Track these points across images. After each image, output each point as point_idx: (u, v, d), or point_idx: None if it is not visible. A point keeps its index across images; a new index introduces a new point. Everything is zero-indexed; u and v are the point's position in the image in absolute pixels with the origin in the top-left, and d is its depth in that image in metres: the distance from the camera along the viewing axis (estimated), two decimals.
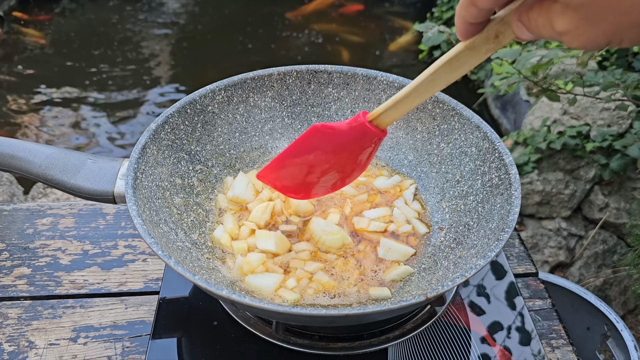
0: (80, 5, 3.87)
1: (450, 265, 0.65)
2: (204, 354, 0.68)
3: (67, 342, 0.74)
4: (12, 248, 0.87)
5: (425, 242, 0.74)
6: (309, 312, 0.53)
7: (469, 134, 0.75)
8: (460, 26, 0.43)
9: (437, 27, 1.25)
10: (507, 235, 0.59)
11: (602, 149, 1.74)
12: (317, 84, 0.85)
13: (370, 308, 0.51)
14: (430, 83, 0.49)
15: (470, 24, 0.42)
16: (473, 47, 0.45)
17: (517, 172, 0.66)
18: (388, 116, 0.56)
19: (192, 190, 0.75)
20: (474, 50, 0.45)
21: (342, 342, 0.68)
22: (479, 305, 0.75)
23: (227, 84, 0.80)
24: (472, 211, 0.71)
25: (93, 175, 0.68)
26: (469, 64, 0.46)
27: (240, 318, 0.70)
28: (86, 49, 3.33)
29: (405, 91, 0.52)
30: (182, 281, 0.77)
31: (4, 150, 0.69)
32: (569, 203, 1.85)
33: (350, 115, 0.86)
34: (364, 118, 0.57)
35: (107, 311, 0.78)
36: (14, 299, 0.80)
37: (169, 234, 0.65)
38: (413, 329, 0.70)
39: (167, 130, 0.74)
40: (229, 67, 3.13)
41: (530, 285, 0.84)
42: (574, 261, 1.82)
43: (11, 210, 0.94)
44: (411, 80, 0.81)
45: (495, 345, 0.70)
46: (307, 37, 3.49)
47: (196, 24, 3.73)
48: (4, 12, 3.58)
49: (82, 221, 0.92)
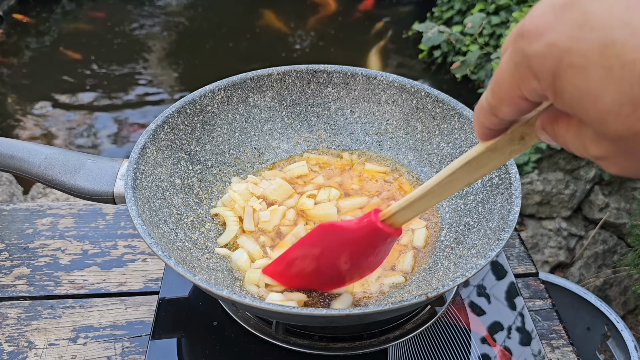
0: (80, 4, 3.87)
1: (451, 265, 0.65)
2: (203, 354, 0.68)
3: (67, 342, 0.74)
4: (11, 248, 0.87)
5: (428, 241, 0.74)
6: (309, 312, 0.53)
7: (469, 134, 0.75)
8: (479, 130, 0.39)
9: (437, 27, 1.25)
10: (508, 234, 0.59)
11: None
12: (316, 83, 0.85)
13: (371, 308, 0.51)
14: (447, 184, 0.45)
15: (490, 129, 0.38)
16: (495, 149, 0.40)
17: (517, 171, 0.66)
18: (402, 216, 0.52)
19: (191, 190, 0.75)
20: (496, 152, 0.40)
21: (342, 343, 0.68)
22: (479, 306, 0.75)
23: (226, 84, 0.80)
24: (472, 211, 0.71)
25: (92, 176, 0.68)
26: (490, 165, 0.42)
27: (240, 318, 0.70)
28: (86, 49, 3.33)
29: (421, 192, 0.48)
30: (181, 281, 0.76)
31: (3, 151, 0.69)
32: (569, 203, 1.85)
33: (350, 115, 0.86)
34: (375, 217, 0.53)
35: (107, 311, 0.78)
36: (14, 299, 0.79)
37: (169, 234, 0.65)
38: (413, 329, 0.70)
39: (166, 131, 0.73)
40: (229, 67, 3.13)
41: (530, 285, 0.84)
42: (574, 261, 1.82)
43: (11, 210, 0.94)
44: (411, 80, 0.81)
45: (495, 346, 0.70)
46: (307, 38, 3.49)
47: (196, 24, 3.73)
48: (4, 12, 3.57)
49: (82, 221, 0.92)
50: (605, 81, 0.27)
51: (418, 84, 0.80)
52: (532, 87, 0.31)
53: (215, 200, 0.77)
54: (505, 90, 0.33)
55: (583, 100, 0.28)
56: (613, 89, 0.27)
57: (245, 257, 0.69)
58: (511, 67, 0.31)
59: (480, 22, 1.60)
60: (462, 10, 3.07)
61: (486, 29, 2.73)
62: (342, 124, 0.87)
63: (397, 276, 0.68)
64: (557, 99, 0.30)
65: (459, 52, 2.91)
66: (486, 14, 2.77)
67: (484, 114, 0.36)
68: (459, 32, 2.47)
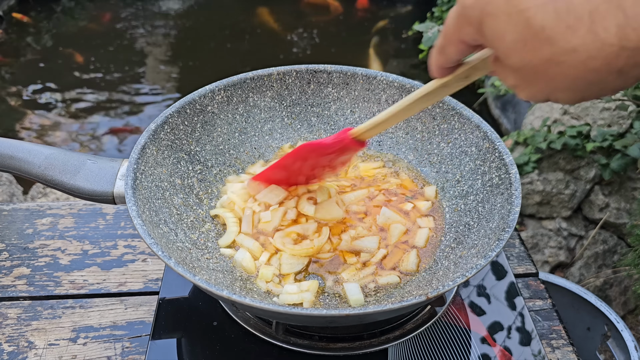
0: (80, 4, 3.87)
1: (451, 265, 0.65)
2: (203, 354, 0.68)
3: (67, 343, 0.74)
4: (11, 248, 0.87)
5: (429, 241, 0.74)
6: (309, 312, 0.53)
7: (469, 134, 0.75)
8: (433, 68, 0.50)
9: (437, 27, 1.25)
10: (508, 234, 0.59)
11: (602, 149, 1.73)
12: (316, 83, 0.85)
13: (371, 308, 0.51)
14: (407, 109, 0.58)
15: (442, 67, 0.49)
16: (446, 85, 0.51)
17: (518, 171, 0.66)
18: (368, 134, 0.64)
19: (191, 190, 0.75)
20: (447, 87, 0.52)
21: (342, 343, 0.68)
22: (479, 306, 0.75)
23: (226, 84, 0.80)
24: (472, 211, 0.71)
25: (92, 176, 0.68)
26: (441, 96, 0.54)
27: (240, 318, 0.70)
28: (85, 49, 3.32)
29: (384, 116, 0.60)
30: (181, 281, 0.76)
31: (3, 151, 0.69)
32: (569, 203, 1.85)
33: (350, 115, 0.86)
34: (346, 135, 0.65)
35: (107, 311, 0.78)
36: (14, 299, 0.79)
37: (169, 234, 0.65)
38: (413, 329, 0.70)
39: (166, 131, 0.73)
40: (229, 67, 3.13)
41: (530, 285, 0.84)
42: (574, 261, 1.82)
43: (11, 210, 0.94)
44: (410, 79, 0.81)
45: (495, 346, 0.70)
46: (307, 37, 3.49)
47: (196, 24, 3.73)
48: (4, 11, 3.57)
49: (82, 221, 0.92)
50: (507, 24, 0.37)
51: (418, 84, 0.80)
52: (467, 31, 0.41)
53: (215, 201, 0.77)
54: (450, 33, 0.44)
55: (495, 40, 0.39)
56: (511, 29, 0.37)
57: (249, 257, 0.69)
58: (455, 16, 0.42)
59: None
60: None
61: None
62: (342, 124, 0.87)
63: (392, 276, 0.68)
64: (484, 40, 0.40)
65: None
66: None
67: (436, 53, 0.48)
68: None
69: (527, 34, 0.36)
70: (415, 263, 0.69)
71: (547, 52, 0.36)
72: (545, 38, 0.35)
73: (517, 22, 0.36)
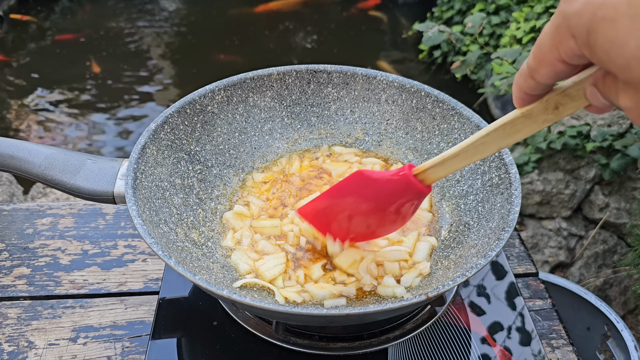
0: (80, 4, 3.87)
1: (451, 264, 0.65)
2: (203, 354, 0.68)
3: (67, 342, 0.74)
4: (11, 248, 0.87)
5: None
6: (309, 312, 0.53)
7: (469, 134, 0.75)
8: (517, 94, 0.42)
9: (437, 26, 1.25)
10: (508, 234, 0.59)
11: (602, 148, 1.73)
12: (316, 83, 0.85)
13: (371, 308, 0.51)
14: (481, 145, 0.48)
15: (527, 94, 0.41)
16: (530, 116, 0.43)
17: (517, 171, 0.66)
18: (434, 173, 0.55)
19: (191, 190, 0.75)
20: (530, 119, 0.43)
21: (342, 342, 0.68)
22: (479, 306, 0.75)
23: (226, 84, 0.80)
24: (472, 210, 0.71)
25: (93, 176, 0.68)
26: (524, 132, 0.45)
27: (240, 318, 0.70)
28: (85, 49, 3.33)
29: (455, 150, 0.51)
30: (182, 281, 0.76)
31: (3, 151, 0.69)
32: (569, 203, 1.85)
33: (350, 115, 0.86)
34: (409, 171, 0.55)
35: (107, 311, 0.78)
36: (14, 299, 0.79)
37: (169, 234, 0.65)
38: (413, 329, 0.70)
39: (166, 131, 0.73)
40: (229, 67, 3.13)
41: (530, 285, 0.84)
42: (574, 261, 1.82)
43: (11, 210, 0.94)
44: (411, 80, 0.81)
45: (495, 346, 0.70)
46: (307, 37, 3.49)
47: (197, 24, 3.73)
48: (4, 12, 3.57)
49: (82, 221, 0.92)
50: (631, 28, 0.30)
51: (418, 83, 0.80)
52: (569, 46, 0.34)
53: (215, 201, 0.77)
54: (545, 52, 0.37)
55: (612, 49, 0.32)
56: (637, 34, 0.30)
57: (279, 268, 0.68)
58: (552, 30, 0.35)
59: (481, 22, 1.61)
60: (462, 10, 3.07)
61: (486, 29, 2.73)
62: (342, 124, 0.87)
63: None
64: (592, 54, 0.33)
65: (459, 52, 2.91)
66: (486, 14, 2.77)
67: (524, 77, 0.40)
68: (459, 32, 2.47)
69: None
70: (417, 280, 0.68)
71: None
72: None
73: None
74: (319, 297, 0.65)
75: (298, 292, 0.65)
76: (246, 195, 0.79)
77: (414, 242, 0.71)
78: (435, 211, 0.77)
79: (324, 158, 0.85)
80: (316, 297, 0.65)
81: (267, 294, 0.66)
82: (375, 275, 0.68)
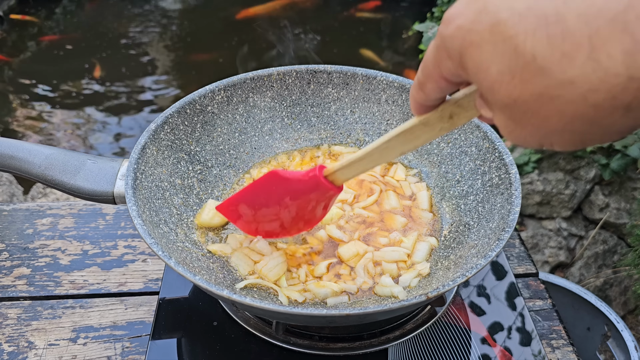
0: (80, 4, 3.87)
1: (451, 264, 0.65)
2: (203, 354, 0.68)
3: (67, 343, 0.74)
4: (11, 248, 0.87)
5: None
6: (310, 312, 0.53)
7: (469, 134, 0.75)
8: (412, 104, 0.44)
9: (437, 27, 1.25)
10: (508, 234, 0.59)
11: (602, 149, 1.73)
12: (316, 84, 0.85)
13: (371, 308, 0.51)
14: (385, 150, 0.51)
15: (420, 104, 0.43)
16: (427, 124, 0.45)
17: (517, 171, 0.66)
18: (342, 174, 0.57)
19: (191, 190, 0.75)
20: (427, 126, 0.45)
21: (342, 343, 0.68)
22: (479, 306, 0.75)
23: (226, 84, 0.80)
24: (472, 211, 0.71)
25: (93, 176, 0.68)
26: (422, 138, 0.47)
27: (240, 318, 0.70)
28: (85, 49, 3.33)
29: (360, 154, 0.53)
30: (182, 281, 0.76)
31: (3, 151, 0.69)
32: (569, 203, 1.85)
33: (350, 115, 0.86)
34: (319, 172, 0.58)
35: (107, 311, 0.78)
36: (14, 299, 0.79)
37: (169, 234, 0.65)
38: (413, 329, 0.70)
39: (166, 131, 0.73)
40: (229, 67, 3.13)
41: (530, 285, 0.84)
42: (574, 261, 1.82)
43: (11, 210, 0.94)
44: (411, 80, 0.81)
45: (495, 346, 0.70)
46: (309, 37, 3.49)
47: (197, 24, 3.73)
48: (4, 12, 3.57)
49: (82, 221, 0.92)
50: (492, 54, 0.32)
51: None
52: (447, 66, 0.36)
53: (215, 201, 0.77)
54: (429, 68, 0.39)
55: (479, 72, 0.34)
56: (497, 60, 0.32)
57: (280, 266, 0.68)
58: (433, 49, 0.37)
59: None
60: None
61: None
62: (342, 124, 0.87)
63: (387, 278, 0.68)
64: (466, 74, 0.35)
65: None
66: None
67: (415, 89, 0.42)
68: None
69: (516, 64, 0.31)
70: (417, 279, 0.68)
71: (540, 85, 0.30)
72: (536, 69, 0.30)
73: (504, 51, 0.31)
74: (321, 296, 0.65)
75: (300, 292, 0.66)
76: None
77: (414, 243, 0.71)
78: (436, 211, 0.77)
79: (325, 157, 0.85)
80: (318, 295, 0.65)
81: (268, 294, 0.66)
82: (372, 274, 0.68)
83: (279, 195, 0.63)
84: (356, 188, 0.79)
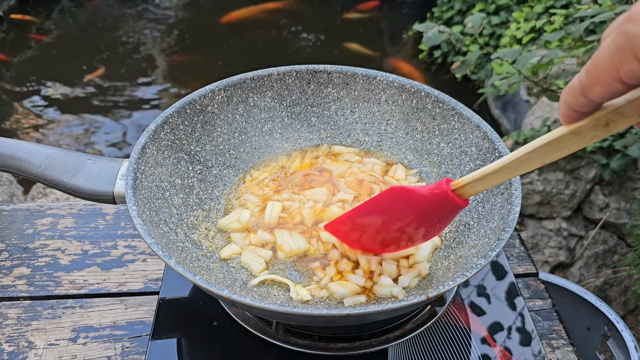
0: (80, 4, 3.87)
1: (451, 264, 0.65)
2: (203, 354, 0.68)
3: (67, 343, 0.74)
4: (11, 248, 0.87)
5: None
6: (310, 312, 0.53)
7: (469, 134, 0.75)
8: (565, 111, 0.40)
9: (437, 27, 1.25)
10: (508, 234, 0.59)
11: (602, 149, 1.74)
12: (316, 84, 0.85)
13: (371, 308, 0.51)
14: (525, 161, 0.47)
15: (576, 111, 0.40)
16: (578, 133, 0.41)
17: None
18: (473, 188, 0.54)
19: (191, 190, 0.75)
20: (578, 135, 0.42)
21: (342, 343, 0.68)
22: (479, 306, 0.75)
23: (226, 84, 0.80)
24: (472, 211, 0.71)
25: (93, 176, 0.68)
26: (570, 147, 0.43)
27: (240, 318, 0.70)
28: (85, 49, 3.33)
29: (497, 166, 0.50)
30: (182, 281, 0.76)
31: (4, 151, 0.69)
32: (569, 203, 1.85)
33: (350, 115, 0.86)
34: (447, 186, 0.54)
35: (107, 311, 0.78)
36: (14, 299, 0.79)
37: (169, 234, 0.65)
38: (413, 329, 0.70)
39: (166, 131, 0.73)
40: (229, 67, 3.13)
41: (530, 285, 0.84)
42: (574, 261, 1.82)
43: (11, 210, 0.94)
44: (411, 80, 0.81)
45: (495, 346, 0.70)
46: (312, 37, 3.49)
47: (197, 23, 3.73)
48: (4, 12, 3.57)
49: (82, 221, 0.92)
50: None
51: (418, 84, 0.80)
52: (631, 68, 0.33)
53: (215, 201, 0.77)
54: (602, 71, 0.35)
55: None
56: None
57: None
58: (612, 50, 0.34)
59: (481, 22, 1.61)
60: (462, 10, 3.07)
61: (486, 29, 2.73)
62: (342, 124, 0.87)
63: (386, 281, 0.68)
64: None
65: (459, 52, 2.91)
66: (486, 14, 2.77)
67: (573, 94, 0.38)
68: (459, 32, 2.47)
69: None
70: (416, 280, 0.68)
71: None
72: None
73: None
74: (338, 295, 0.65)
75: (316, 289, 0.66)
76: (241, 194, 0.79)
77: None
78: None
79: (325, 157, 0.85)
80: (336, 294, 0.65)
81: (285, 290, 0.66)
82: (370, 272, 0.68)
83: (401, 211, 0.59)
84: (356, 188, 0.79)
